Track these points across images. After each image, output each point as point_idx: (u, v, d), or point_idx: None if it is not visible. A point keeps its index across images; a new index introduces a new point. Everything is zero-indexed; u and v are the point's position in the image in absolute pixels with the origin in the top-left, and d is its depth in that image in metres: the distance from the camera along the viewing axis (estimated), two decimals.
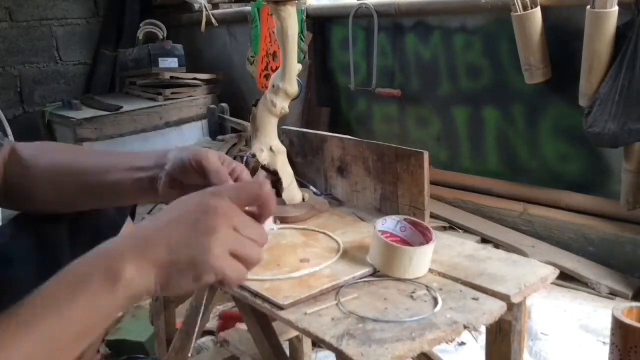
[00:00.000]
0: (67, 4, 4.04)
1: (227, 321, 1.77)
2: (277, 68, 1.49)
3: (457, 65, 2.57)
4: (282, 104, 1.26)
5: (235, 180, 0.78)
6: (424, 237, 1.00)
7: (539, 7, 2.11)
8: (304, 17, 3.00)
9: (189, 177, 0.78)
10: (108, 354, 1.75)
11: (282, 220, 1.23)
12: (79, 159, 0.89)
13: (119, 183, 0.83)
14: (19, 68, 3.91)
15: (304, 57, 3.01)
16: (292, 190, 1.31)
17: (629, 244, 2.05)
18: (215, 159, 0.78)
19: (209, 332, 1.80)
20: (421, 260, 0.96)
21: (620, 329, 1.14)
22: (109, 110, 3.29)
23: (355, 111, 3.07)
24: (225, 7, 3.73)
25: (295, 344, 1.45)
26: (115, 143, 3.28)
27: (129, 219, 0.95)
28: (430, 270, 0.99)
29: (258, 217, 0.67)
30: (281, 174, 1.30)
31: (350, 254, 1.05)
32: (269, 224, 0.70)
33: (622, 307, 1.18)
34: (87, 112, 3.30)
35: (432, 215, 2.36)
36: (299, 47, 2.79)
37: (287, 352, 1.42)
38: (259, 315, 1.06)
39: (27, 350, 0.55)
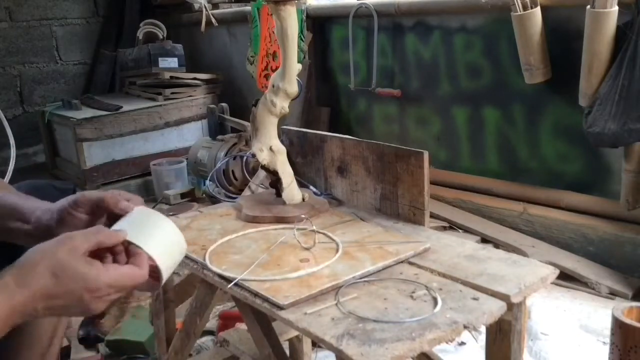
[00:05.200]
0: (67, 4, 4.04)
1: (227, 321, 1.77)
2: (277, 68, 1.49)
3: (457, 65, 2.57)
4: (282, 104, 1.26)
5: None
6: None
7: (539, 7, 2.11)
8: (304, 17, 3.00)
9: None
10: (108, 354, 1.75)
11: (282, 220, 1.23)
12: None
13: (13, 231, 0.97)
14: (19, 68, 3.91)
15: (304, 57, 3.01)
16: (292, 190, 1.31)
17: (629, 244, 2.05)
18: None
19: (209, 332, 1.80)
20: None
21: (620, 329, 1.14)
22: (109, 110, 3.29)
23: (355, 111, 3.07)
24: (225, 7, 3.73)
25: (295, 344, 1.45)
26: (115, 143, 3.29)
27: None
28: (431, 271, 0.99)
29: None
30: (281, 174, 1.30)
31: (350, 254, 1.05)
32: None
33: (622, 307, 1.18)
34: (87, 112, 3.30)
35: (432, 215, 2.36)
36: (299, 47, 2.80)
37: (287, 352, 1.42)
38: (259, 315, 1.06)
39: None
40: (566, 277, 2.02)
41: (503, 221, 2.39)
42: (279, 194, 1.32)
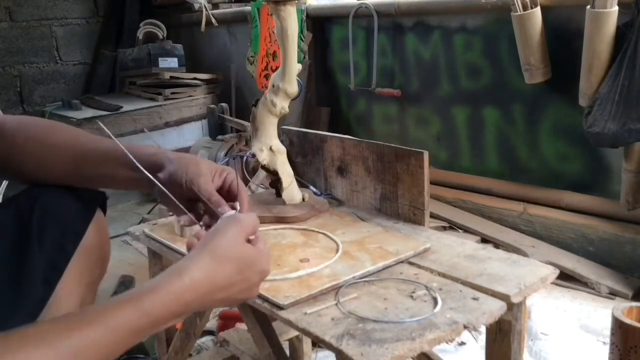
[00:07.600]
0: (67, 4, 4.04)
1: (227, 321, 1.77)
2: (277, 68, 1.49)
3: (457, 65, 2.57)
4: (282, 104, 1.26)
5: (227, 192, 0.93)
6: None
7: (539, 7, 2.11)
8: (304, 17, 3.00)
9: (180, 192, 0.90)
10: None
11: (282, 220, 1.23)
12: (79, 141, 0.96)
13: (115, 176, 0.93)
14: (19, 68, 3.91)
15: (304, 57, 3.01)
16: (292, 190, 1.31)
17: (629, 244, 2.05)
18: (208, 183, 0.90)
19: (209, 332, 1.80)
20: None
21: (620, 329, 1.14)
22: (109, 110, 3.29)
23: (355, 111, 3.07)
24: (225, 7, 3.73)
25: (295, 344, 1.45)
26: None
27: (99, 210, 0.98)
28: (431, 271, 0.99)
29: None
30: (281, 174, 1.30)
31: (350, 254, 1.05)
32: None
33: (622, 307, 1.17)
34: (87, 112, 3.30)
35: (432, 215, 2.36)
36: (299, 47, 2.80)
37: (287, 352, 1.42)
38: (259, 315, 1.06)
39: (94, 336, 0.62)
40: (566, 277, 2.02)
41: (503, 221, 2.39)
42: (279, 194, 1.31)
